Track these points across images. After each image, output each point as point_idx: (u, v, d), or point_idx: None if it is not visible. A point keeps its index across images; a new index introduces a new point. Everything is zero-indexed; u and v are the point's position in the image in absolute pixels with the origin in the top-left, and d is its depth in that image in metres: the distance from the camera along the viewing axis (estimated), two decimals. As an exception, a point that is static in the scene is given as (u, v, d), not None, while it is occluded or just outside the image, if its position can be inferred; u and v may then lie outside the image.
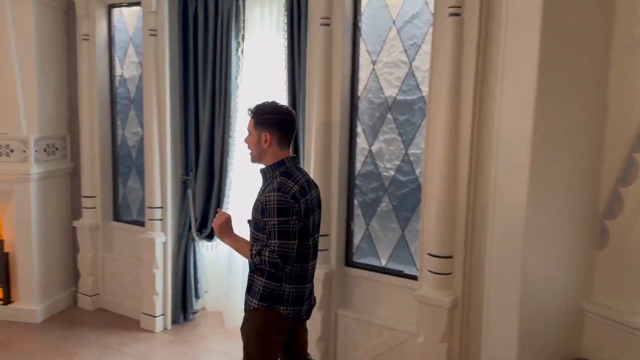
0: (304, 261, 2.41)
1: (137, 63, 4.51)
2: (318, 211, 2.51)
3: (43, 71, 4.38)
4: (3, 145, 4.30)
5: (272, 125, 2.38)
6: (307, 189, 2.39)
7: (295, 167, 2.43)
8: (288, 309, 2.40)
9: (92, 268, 4.67)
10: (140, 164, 4.57)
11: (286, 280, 2.38)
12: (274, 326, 2.42)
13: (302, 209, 2.32)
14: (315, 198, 2.47)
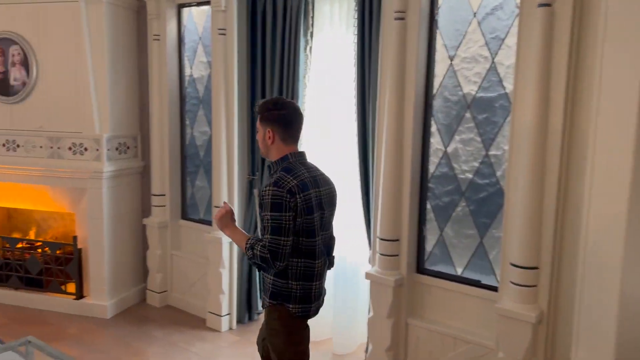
0: (310, 258, 2.34)
1: (206, 63, 4.51)
2: (329, 209, 2.45)
3: (115, 71, 4.47)
4: (77, 144, 4.42)
5: (274, 121, 2.36)
6: (310, 185, 2.32)
7: (299, 163, 2.38)
8: (296, 307, 2.35)
9: (161, 265, 4.73)
10: (208, 163, 4.59)
11: (292, 277, 2.33)
12: (290, 322, 2.38)
13: (301, 205, 2.24)
14: (325, 195, 2.41)
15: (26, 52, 4.40)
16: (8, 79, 4.50)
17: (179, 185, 4.77)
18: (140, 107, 4.80)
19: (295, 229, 2.25)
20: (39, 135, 4.48)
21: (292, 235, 2.24)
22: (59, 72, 4.39)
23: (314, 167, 2.46)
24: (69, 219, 4.85)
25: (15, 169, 4.53)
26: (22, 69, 4.45)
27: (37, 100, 4.46)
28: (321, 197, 2.37)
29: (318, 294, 2.44)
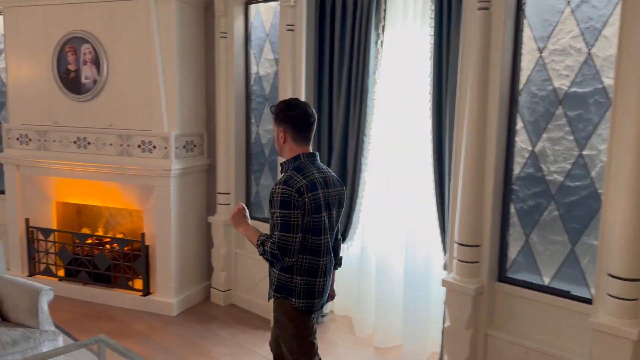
0: (315, 255, 2.42)
1: (272, 60, 4.44)
2: (337, 209, 2.53)
3: (183, 69, 4.47)
4: (146, 142, 4.46)
5: (285, 121, 2.44)
6: (319, 185, 2.39)
7: (310, 163, 2.45)
8: (300, 301, 2.43)
9: (225, 264, 4.71)
10: (273, 161, 4.52)
11: (297, 272, 2.41)
12: (294, 316, 2.45)
13: (308, 204, 2.33)
14: (334, 196, 2.48)
15: (97, 50, 4.47)
16: (80, 77, 4.59)
17: (243, 184, 4.74)
18: (207, 105, 4.80)
19: (303, 226, 2.33)
20: (109, 133, 4.55)
21: (300, 232, 2.32)
22: (128, 70, 4.44)
23: (325, 168, 2.52)
24: (137, 216, 4.91)
25: (86, 166, 4.62)
26: (93, 67, 4.53)
27: (107, 98, 4.53)
28: (329, 198, 2.45)
29: (322, 290, 2.49)
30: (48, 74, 4.69)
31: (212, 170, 4.83)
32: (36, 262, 4.98)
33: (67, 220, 5.04)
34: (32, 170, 4.88)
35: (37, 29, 4.68)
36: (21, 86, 4.86)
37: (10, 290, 3.27)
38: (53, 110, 4.72)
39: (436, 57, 3.36)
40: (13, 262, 5.03)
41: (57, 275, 4.92)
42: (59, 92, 4.66)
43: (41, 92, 4.75)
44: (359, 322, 4.17)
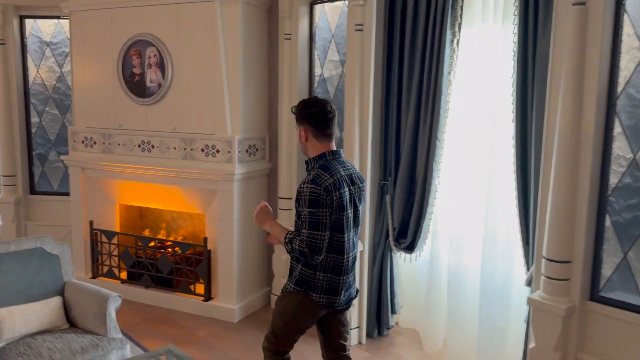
0: (338, 253, 2.45)
1: (337, 61, 4.30)
2: (361, 206, 2.55)
3: (247, 72, 4.39)
4: (209, 146, 4.41)
5: (306, 119, 2.46)
6: (343, 183, 2.42)
7: (336, 161, 2.47)
8: (321, 296, 2.47)
9: (286, 270, 4.59)
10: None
11: (320, 269, 2.45)
12: (306, 311, 2.52)
13: (335, 202, 2.36)
14: (358, 192, 2.51)
15: (162, 53, 4.46)
16: (144, 80, 4.59)
17: (305, 189, 4.61)
18: (269, 108, 4.71)
19: (330, 224, 2.38)
20: (173, 136, 4.53)
21: (328, 230, 2.37)
22: (192, 74, 4.40)
23: (349, 165, 2.55)
24: (198, 220, 4.88)
25: (149, 170, 4.62)
26: (158, 71, 4.52)
27: (171, 101, 4.51)
28: (354, 195, 2.48)
29: (346, 286, 2.53)
30: (113, 78, 4.72)
31: (274, 175, 4.74)
32: (99, 265, 5.03)
33: (129, 223, 5.07)
34: (97, 173, 4.93)
35: (102, 32, 4.72)
36: (86, 89, 4.92)
37: (78, 296, 3.26)
38: (118, 113, 4.75)
39: (520, 57, 3.13)
40: (77, 264, 5.09)
41: (119, 277, 4.95)
42: (124, 95, 4.68)
43: (106, 96, 4.79)
44: (427, 336, 3.97)
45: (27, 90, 5.58)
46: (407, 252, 3.90)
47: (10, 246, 3.27)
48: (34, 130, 5.68)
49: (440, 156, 3.66)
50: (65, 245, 3.50)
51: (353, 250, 2.53)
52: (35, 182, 5.74)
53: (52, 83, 5.62)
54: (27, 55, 5.52)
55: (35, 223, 5.65)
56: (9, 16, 5.29)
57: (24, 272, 3.25)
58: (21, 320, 3.05)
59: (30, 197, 5.70)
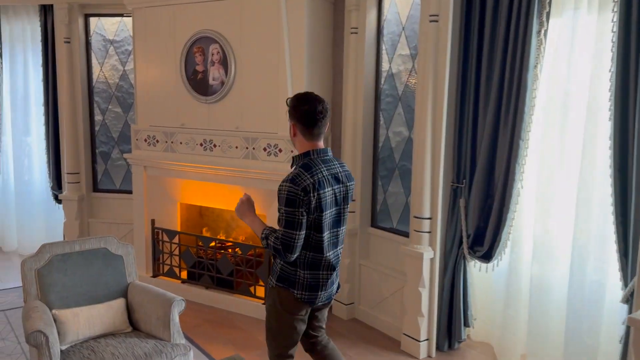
0: (318, 251, 2.46)
1: (407, 56, 4.06)
2: (344, 205, 2.53)
3: (311, 69, 4.22)
4: (272, 145, 4.26)
5: (295, 116, 2.44)
6: (325, 183, 2.40)
7: (321, 160, 2.44)
8: (303, 293, 2.47)
9: (349, 275, 4.41)
10: (404, 166, 4.15)
11: (301, 266, 2.46)
12: (292, 307, 2.51)
13: (314, 202, 2.35)
14: (342, 192, 2.50)
15: (225, 50, 4.35)
16: (207, 78, 4.50)
17: (369, 190, 4.40)
18: (332, 106, 4.52)
19: (307, 223, 2.37)
20: (235, 135, 4.41)
21: (304, 230, 2.36)
22: (256, 71, 4.27)
23: (336, 164, 2.51)
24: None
25: (211, 169, 4.53)
26: (221, 68, 4.42)
27: (233, 99, 4.40)
28: (340, 194, 2.48)
29: (327, 283, 2.53)
30: (176, 75, 4.66)
31: (336, 175, 4.54)
32: (160, 263, 4.99)
33: (190, 223, 5.01)
34: (159, 172, 4.89)
35: (165, 29, 4.67)
36: (149, 87, 4.89)
37: (141, 298, 3.18)
38: (180, 112, 4.69)
39: (621, 49, 2.80)
40: (138, 262, 5.05)
41: (180, 277, 4.90)
42: (187, 93, 4.61)
43: (169, 94, 4.73)
44: (503, 351, 3.68)
45: (91, 89, 5.63)
46: (483, 261, 3.62)
47: (75, 246, 3.23)
48: (98, 128, 5.72)
49: (524, 157, 3.36)
50: (129, 246, 3.43)
51: (334, 248, 2.54)
52: (98, 179, 5.79)
53: (115, 81, 5.64)
54: (92, 53, 5.56)
55: (98, 220, 5.71)
56: (74, 15, 5.35)
57: (87, 272, 3.20)
58: (85, 322, 2.99)
59: (93, 194, 5.76)
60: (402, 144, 4.18)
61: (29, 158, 5.98)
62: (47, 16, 5.45)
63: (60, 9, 5.29)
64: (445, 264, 3.79)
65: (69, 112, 5.50)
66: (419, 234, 3.73)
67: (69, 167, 5.57)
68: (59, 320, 2.93)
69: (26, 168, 5.98)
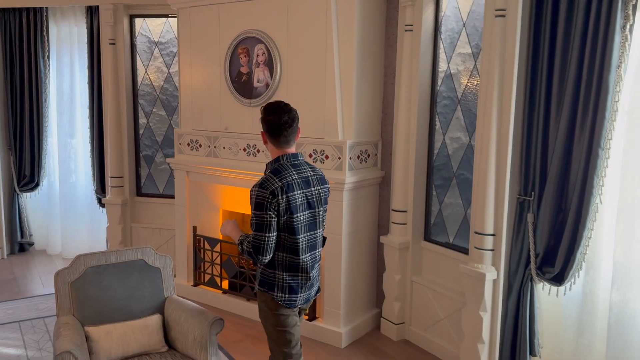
0: (294, 254, 2.53)
1: (467, 55, 3.71)
2: (322, 207, 2.61)
3: (362, 70, 3.93)
4: (318, 151, 4.00)
5: (264, 125, 2.54)
6: (294, 186, 2.48)
7: (291, 164, 2.53)
8: (283, 296, 2.54)
9: (400, 292, 4.08)
10: (462, 175, 3.80)
11: (279, 268, 2.54)
12: (276, 309, 2.57)
13: (283, 205, 2.44)
14: (315, 195, 2.57)
15: (271, 51, 4.12)
16: (252, 80, 4.29)
17: (423, 201, 4.07)
18: (383, 109, 4.21)
19: (279, 226, 2.47)
20: (279, 140, 4.17)
21: (273, 232, 2.45)
22: (302, 72, 4.02)
23: (308, 167, 2.59)
24: (301, 230, 4.50)
25: (254, 175, 4.29)
26: (266, 70, 4.19)
27: (278, 102, 4.16)
28: (312, 197, 2.56)
29: (305, 285, 2.59)
30: (220, 77, 4.47)
31: (386, 184, 4.23)
32: (201, 272, 4.82)
33: (232, 231, 4.80)
34: (201, 177, 4.72)
35: (210, 29, 4.49)
36: (193, 90, 4.72)
37: (179, 315, 2.97)
38: (224, 115, 4.49)
39: None
40: (179, 270, 4.93)
41: (221, 287, 4.70)
42: (230, 96, 4.41)
43: (212, 97, 4.55)
44: (575, 386, 3.27)
45: (135, 91, 5.54)
46: (554, 283, 3.23)
47: (111, 257, 3.06)
48: (142, 132, 5.63)
49: (603, 169, 2.95)
50: (167, 257, 3.24)
51: (312, 250, 2.59)
52: (141, 183, 5.70)
53: (159, 84, 5.53)
54: (136, 55, 5.46)
55: (141, 225, 5.60)
56: (119, 15, 5.26)
57: (123, 286, 3.02)
58: (118, 341, 2.81)
59: (136, 199, 5.66)
60: (460, 150, 3.83)
61: (74, 161, 5.95)
62: (93, 17, 5.40)
63: (106, 9, 5.22)
64: (510, 286, 3.41)
65: (114, 115, 5.41)
66: (480, 251, 3.37)
67: (113, 171, 5.49)
68: (91, 339, 2.76)
69: (71, 170, 5.95)
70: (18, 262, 5.72)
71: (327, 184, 2.66)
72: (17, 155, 5.83)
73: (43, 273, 5.42)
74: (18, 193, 5.88)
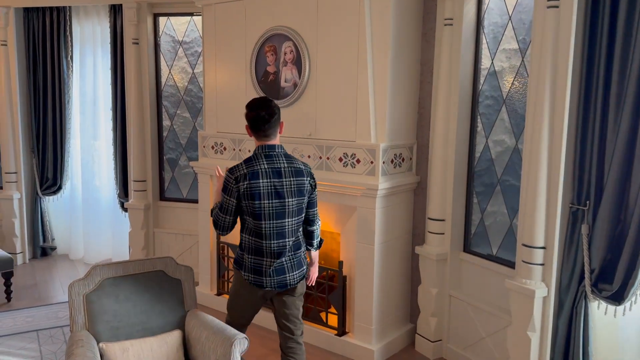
0: (259, 238, 2.72)
1: (514, 50, 3.42)
2: (296, 198, 2.73)
3: (397, 67, 3.67)
4: (349, 155, 3.74)
5: (246, 119, 2.77)
6: (262, 175, 2.67)
7: (265, 155, 2.71)
8: (248, 275, 2.77)
9: (436, 307, 3.80)
10: (506, 182, 3.50)
11: (246, 250, 2.79)
12: (243, 288, 2.83)
13: (242, 191, 2.65)
14: (285, 185, 2.71)
15: (299, 48, 3.89)
16: (279, 80, 4.06)
17: (462, 208, 3.78)
18: (419, 109, 3.94)
19: (240, 210, 2.72)
20: (307, 143, 3.94)
21: (231, 215, 2.71)
22: (333, 70, 3.77)
23: (283, 159, 2.74)
24: (330, 237, 4.25)
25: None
26: (294, 69, 3.96)
27: (306, 103, 3.93)
28: (281, 187, 2.69)
29: (272, 270, 2.73)
30: (245, 77, 4.26)
31: (421, 190, 3.96)
32: (225, 281, 4.60)
33: (257, 238, 4.58)
34: (225, 182, 4.50)
35: (235, 27, 4.28)
36: (217, 91, 4.52)
37: (200, 333, 2.75)
38: (249, 116, 4.26)
39: None
40: (202, 278, 4.74)
41: (245, 297, 4.47)
42: (256, 96, 4.18)
43: (237, 97, 4.33)
44: (635, 418, 2.93)
45: (159, 92, 5.37)
46: (612, 302, 2.90)
47: (129, 268, 2.86)
48: (165, 134, 5.46)
49: (673, 177, 2.63)
50: (189, 268, 3.02)
51: (281, 238, 2.72)
52: (165, 187, 5.53)
53: (184, 84, 5.36)
54: (160, 55, 5.30)
55: (164, 231, 5.43)
56: (143, 14, 5.11)
57: (142, 299, 2.82)
58: (135, 358, 2.59)
59: (159, 203, 5.50)
60: (505, 155, 3.53)
61: (97, 163, 5.81)
62: (116, 16, 5.26)
63: (129, 8, 5.07)
64: (561, 304, 3.09)
65: (137, 116, 5.26)
66: (529, 266, 3.07)
67: (136, 175, 5.33)
68: (106, 357, 2.56)
69: (94, 174, 5.82)
70: (40, 267, 5.61)
71: (305, 176, 2.76)
72: (39, 157, 5.72)
73: (64, 279, 5.29)
74: (40, 196, 5.77)
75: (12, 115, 5.58)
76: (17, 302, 4.68)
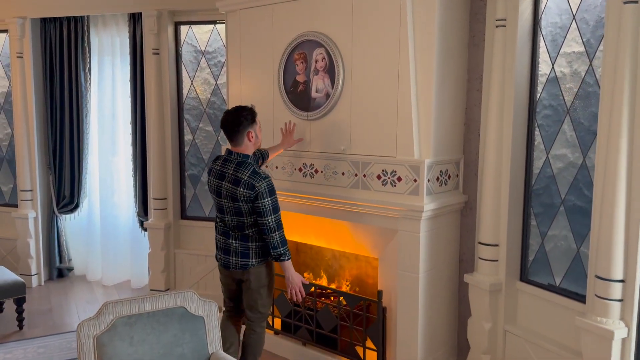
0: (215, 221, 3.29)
1: (578, 54, 3.01)
2: (229, 202, 3.06)
3: (442, 76, 3.29)
4: (388, 172, 3.36)
5: None
6: (214, 174, 3.15)
7: (223, 157, 3.14)
8: (217, 253, 3.27)
9: (490, 344, 3.36)
10: (571, 202, 3.07)
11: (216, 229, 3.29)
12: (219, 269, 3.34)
13: (210, 184, 3.18)
14: (226, 189, 3.06)
15: (332, 55, 3.53)
16: (309, 90, 3.71)
17: (519, 232, 3.35)
18: (467, 120, 3.54)
19: None
20: (341, 159, 3.57)
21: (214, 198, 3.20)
22: (370, 79, 3.41)
23: (233, 166, 3.06)
24: (365, 262, 3.89)
25: (311, 199, 3.70)
26: (326, 78, 3.60)
27: (340, 115, 3.56)
28: (220, 188, 3.09)
29: (222, 249, 3.22)
30: (273, 88, 3.92)
31: (469, 211, 3.55)
32: (251, 308, 4.23)
33: (285, 262, 4.21)
34: (251, 201, 4.15)
35: (262, 33, 3.96)
36: (242, 103, 4.12)
37: (226, 380, 2.38)
38: (276, 130, 3.92)
39: None
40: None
41: (272, 327, 4.10)
42: (285, 108, 3.85)
43: (264, 109, 3.96)
44: None
45: (181, 105, 5.08)
46: None
47: (145, 305, 2.52)
48: (187, 149, 5.16)
49: None
50: (213, 303, 2.68)
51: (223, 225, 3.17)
52: (186, 205, 5.22)
53: (206, 97, 5.06)
54: (182, 65, 5.01)
55: (185, 252, 5.12)
56: (164, 23, 4.83)
57: (159, 340, 2.47)
58: (152, 414, 2.24)
59: (180, 222, 5.19)
60: (566, 171, 3.11)
61: (116, 180, 5.53)
62: (136, 26, 4.99)
63: (149, 16, 4.79)
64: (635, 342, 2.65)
65: (157, 131, 4.97)
66: (605, 302, 2.63)
67: (156, 192, 5.03)
68: (118, 412, 2.20)
69: (113, 191, 5.53)
70: (55, 290, 5.33)
71: (240, 186, 2.96)
72: (56, 174, 5.46)
73: (80, 303, 4.99)
74: (57, 215, 5.51)
75: (28, 130, 5.34)
76: (30, 330, 4.39)
